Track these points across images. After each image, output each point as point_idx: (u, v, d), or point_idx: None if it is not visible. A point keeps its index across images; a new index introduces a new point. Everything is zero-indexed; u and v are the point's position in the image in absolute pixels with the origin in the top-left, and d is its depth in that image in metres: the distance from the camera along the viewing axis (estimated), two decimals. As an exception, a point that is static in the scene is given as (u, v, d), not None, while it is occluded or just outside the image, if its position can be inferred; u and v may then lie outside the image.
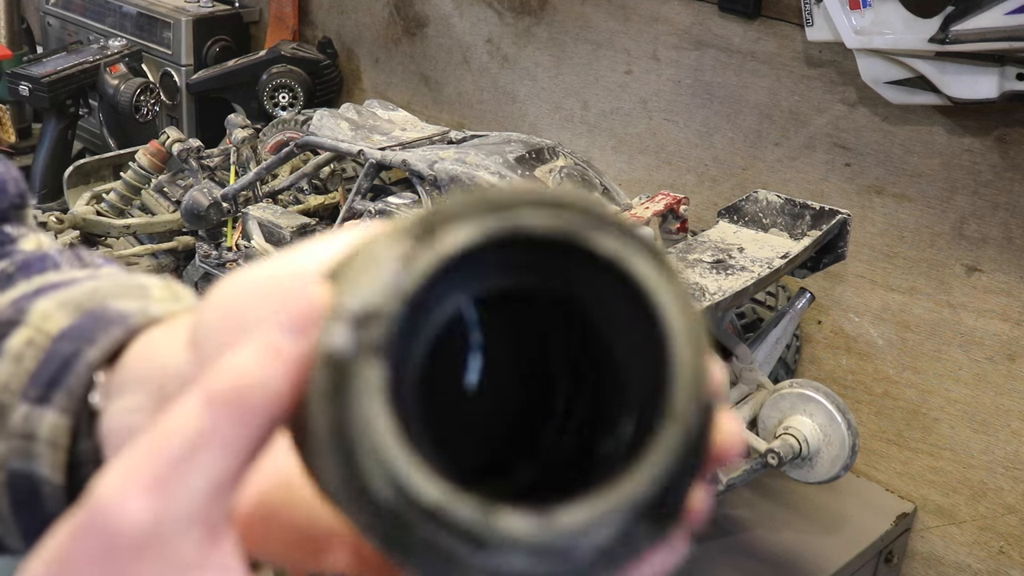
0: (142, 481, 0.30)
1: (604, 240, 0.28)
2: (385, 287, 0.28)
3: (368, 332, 0.28)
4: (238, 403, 0.30)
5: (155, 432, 0.31)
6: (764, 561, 1.25)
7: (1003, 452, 1.33)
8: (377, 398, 0.28)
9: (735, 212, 1.22)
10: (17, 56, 1.91)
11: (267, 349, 0.31)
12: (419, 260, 0.28)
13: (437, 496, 0.27)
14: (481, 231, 0.28)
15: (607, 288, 0.29)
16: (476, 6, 1.74)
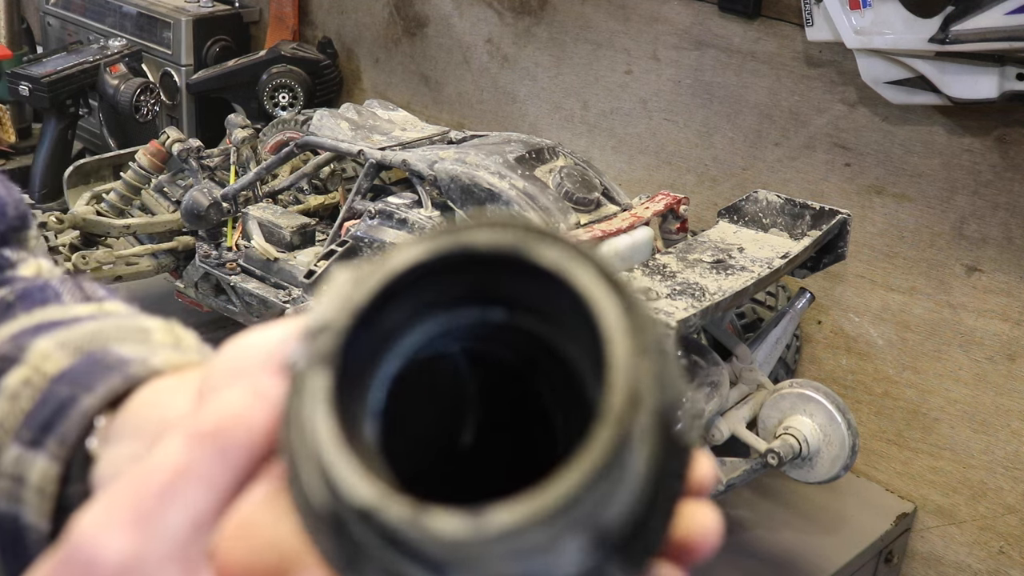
0: (123, 517, 0.30)
1: (546, 252, 0.29)
2: (337, 303, 0.29)
3: (317, 344, 0.29)
4: (219, 439, 0.30)
5: (137, 470, 0.30)
6: (764, 561, 1.25)
7: (1003, 452, 1.33)
8: (319, 402, 0.28)
9: (735, 212, 1.22)
10: (17, 56, 1.91)
11: (251, 390, 0.31)
12: (369, 278, 0.29)
13: (369, 495, 0.27)
14: (427, 248, 0.29)
15: (554, 299, 0.29)
16: (476, 6, 1.74)
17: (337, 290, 0.30)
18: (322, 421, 0.28)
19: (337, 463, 0.27)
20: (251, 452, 0.31)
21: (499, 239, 0.29)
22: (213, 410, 0.31)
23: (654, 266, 1.09)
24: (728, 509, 1.32)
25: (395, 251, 0.30)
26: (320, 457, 0.28)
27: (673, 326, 0.95)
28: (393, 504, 0.27)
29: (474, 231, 0.29)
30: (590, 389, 0.30)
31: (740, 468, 1.11)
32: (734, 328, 1.36)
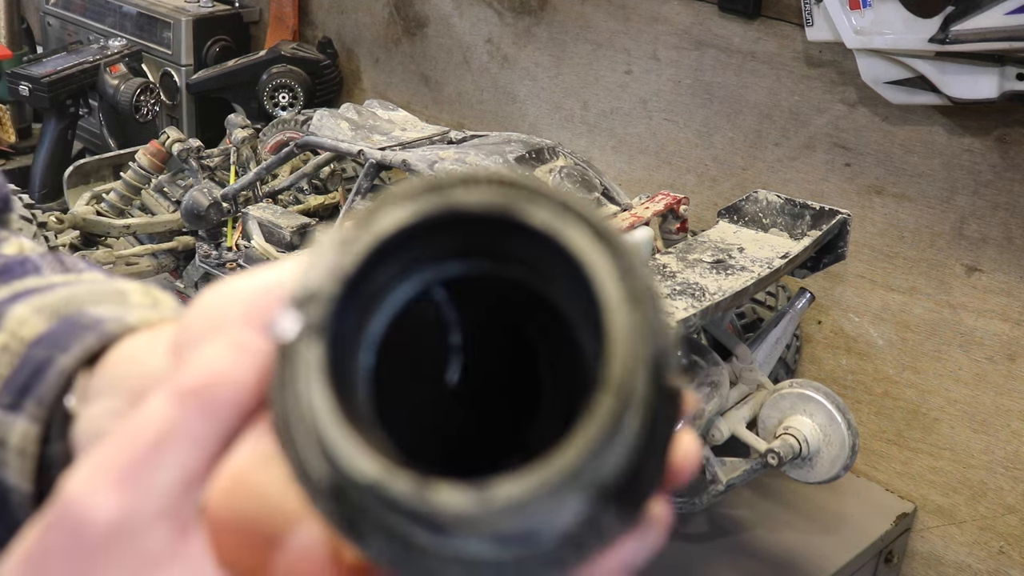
0: (111, 477, 0.30)
1: (537, 212, 0.28)
2: (324, 270, 0.28)
3: (308, 313, 0.28)
4: (205, 397, 0.30)
5: (124, 429, 0.31)
6: (764, 561, 1.25)
7: (1003, 452, 1.33)
8: (315, 375, 0.28)
9: (735, 212, 1.22)
10: (17, 56, 1.91)
11: (234, 345, 0.31)
12: (356, 242, 0.28)
13: (373, 471, 0.27)
14: (414, 210, 0.28)
15: (548, 261, 0.29)
16: (476, 6, 1.74)
17: (322, 254, 0.29)
18: (319, 395, 0.28)
19: (337, 439, 0.27)
20: (237, 408, 0.31)
21: (488, 199, 0.28)
22: (196, 367, 0.31)
23: (654, 266, 1.09)
24: (728, 509, 1.32)
25: (380, 210, 0.29)
26: (319, 432, 0.27)
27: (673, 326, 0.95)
28: (397, 479, 0.27)
29: (463, 189, 0.29)
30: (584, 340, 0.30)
31: (740, 468, 1.11)
32: (734, 328, 1.36)
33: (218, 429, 0.30)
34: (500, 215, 0.28)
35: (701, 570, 1.22)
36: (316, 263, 0.29)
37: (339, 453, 0.27)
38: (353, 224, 0.29)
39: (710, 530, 1.29)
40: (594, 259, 0.28)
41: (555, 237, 0.28)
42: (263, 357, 0.31)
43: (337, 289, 0.28)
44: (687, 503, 1.15)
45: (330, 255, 0.29)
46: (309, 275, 0.29)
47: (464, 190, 0.29)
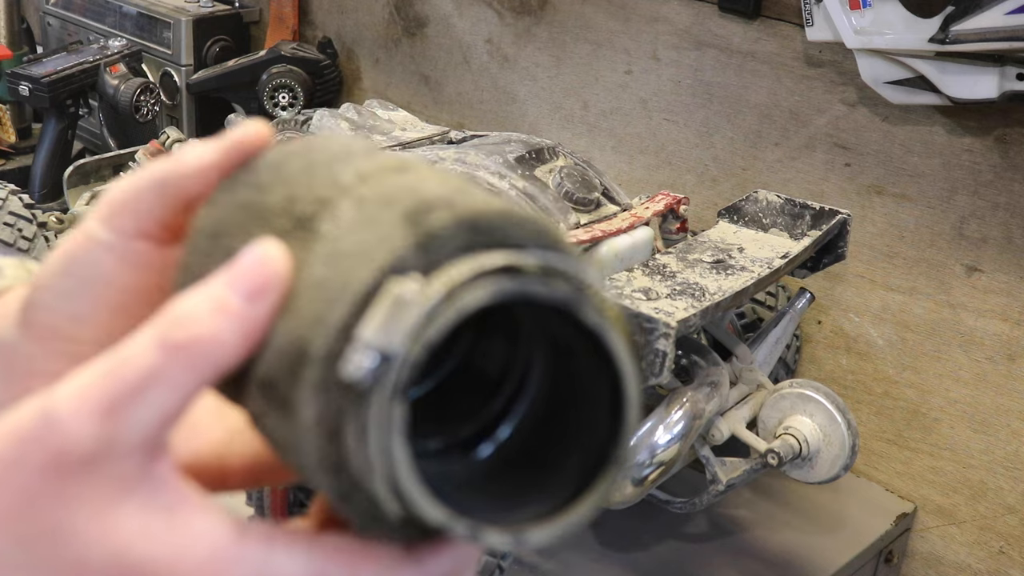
0: (96, 404, 0.33)
1: (590, 313, 0.34)
2: (411, 335, 0.32)
3: (393, 373, 0.32)
4: (190, 352, 0.33)
5: (111, 361, 0.33)
6: (764, 561, 1.25)
7: (1003, 452, 1.33)
8: (396, 434, 0.32)
9: (735, 212, 1.22)
10: (17, 56, 1.91)
11: (218, 306, 0.34)
12: (443, 315, 0.32)
13: (441, 519, 0.33)
14: (494, 293, 0.32)
15: (579, 343, 0.35)
16: (476, 6, 1.74)
17: (404, 310, 0.32)
18: (400, 452, 0.32)
19: (414, 492, 0.32)
20: (219, 368, 0.34)
21: (557, 294, 0.33)
22: (182, 316, 0.33)
23: (654, 266, 1.09)
24: (728, 509, 1.32)
25: (460, 280, 0.32)
26: (398, 482, 0.32)
27: (673, 326, 0.95)
28: (458, 525, 0.33)
29: (535, 281, 0.33)
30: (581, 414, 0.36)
31: (740, 468, 1.11)
32: (734, 328, 1.36)
33: (198, 381, 0.33)
34: (560, 307, 0.34)
35: (701, 570, 1.22)
36: (397, 321, 0.32)
37: (416, 503, 0.32)
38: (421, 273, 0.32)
39: (710, 530, 1.29)
40: (626, 365, 0.34)
41: (601, 337, 0.34)
42: (248, 325, 0.33)
43: (420, 355, 0.32)
44: (687, 503, 1.15)
45: (416, 317, 0.32)
46: (391, 330, 0.32)
47: (538, 282, 0.33)
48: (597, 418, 0.35)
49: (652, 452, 1.05)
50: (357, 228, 0.33)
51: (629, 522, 1.25)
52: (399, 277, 0.32)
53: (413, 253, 0.32)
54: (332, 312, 0.32)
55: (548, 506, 0.35)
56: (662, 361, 0.96)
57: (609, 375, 0.35)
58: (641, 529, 1.26)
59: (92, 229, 0.38)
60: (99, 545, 0.33)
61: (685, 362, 1.11)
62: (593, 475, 0.35)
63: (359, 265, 0.33)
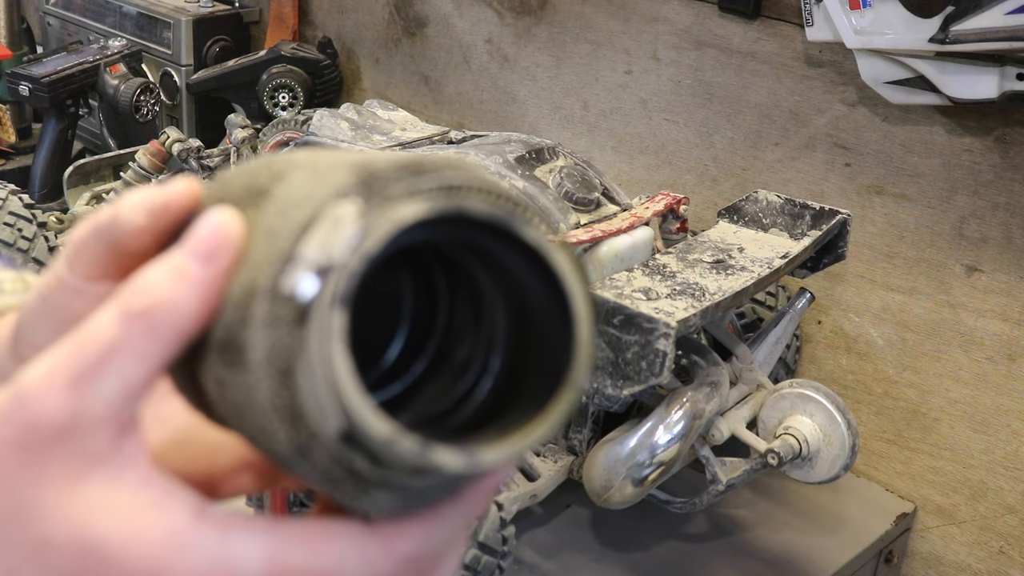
0: (62, 378, 0.33)
1: (531, 231, 0.35)
2: (350, 247, 0.32)
3: (332, 283, 0.32)
4: (150, 319, 0.34)
5: (75, 337, 0.34)
6: (764, 561, 1.25)
7: (1003, 452, 1.33)
8: (337, 343, 0.32)
9: (735, 212, 1.22)
10: (17, 56, 1.91)
11: (176, 271, 0.34)
12: (380, 227, 0.33)
13: (386, 432, 0.32)
14: (432, 208, 0.33)
15: (527, 269, 0.35)
16: (476, 6, 1.74)
17: (342, 228, 0.33)
18: (341, 361, 0.32)
19: (357, 402, 0.32)
20: (179, 333, 0.34)
21: (496, 210, 0.34)
22: (142, 286, 0.34)
23: (654, 266, 1.09)
24: (728, 509, 1.32)
25: (397, 198, 0.33)
26: (340, 393, 0.32)
27: (673, 326, 0.95)
28: (405, 440, 0.33)
29: (473, 197, 0.34)
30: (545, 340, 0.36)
31: (740, 468, 1.11)
32: (734, 328, 1.36)
33: (160, 349, 0.34)
34: (499, 224, 0.34)
35: (701, 570, 1.22)
36: (338, 234, 0.33)
37: (359, 414, 0.32)
38: (362, 198, 0.33)
39: (710, 530, 1.29)
40: (571, 279, 0.35)
41: (541, 252, 0.35)
42: (204, 287, 0.34)
43: (362, 267, 0.32)
44: (687, 503, 1.15)
45: (351, 232, 0.33)
46: (330, 245, 0.33)
47: (476, 198, 0.34)
48: (554, 345, 0.36)
49: (652, 452, 1.05)
50: (308, 184, 0.35)
51: (629, 522, 1.25)
52: (339, 201, 0.33)
53: (357, 186, 0.34)
54: (276, 246, 0.33)
55: (506, 429, 0.35)
56: (662, 361, 0.96)
57: (557, 294, 0.35)
58: (641, 529, 1.26)
59: (60, 271, 0.39)
60: (63, 522, 0.34)
61: (685, 362, 1.11)
62: (551, 394, 0.35)
63: (304, 205, 0.34)
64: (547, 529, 1.24)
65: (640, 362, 0.97)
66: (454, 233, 0.35)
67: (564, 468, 1.15)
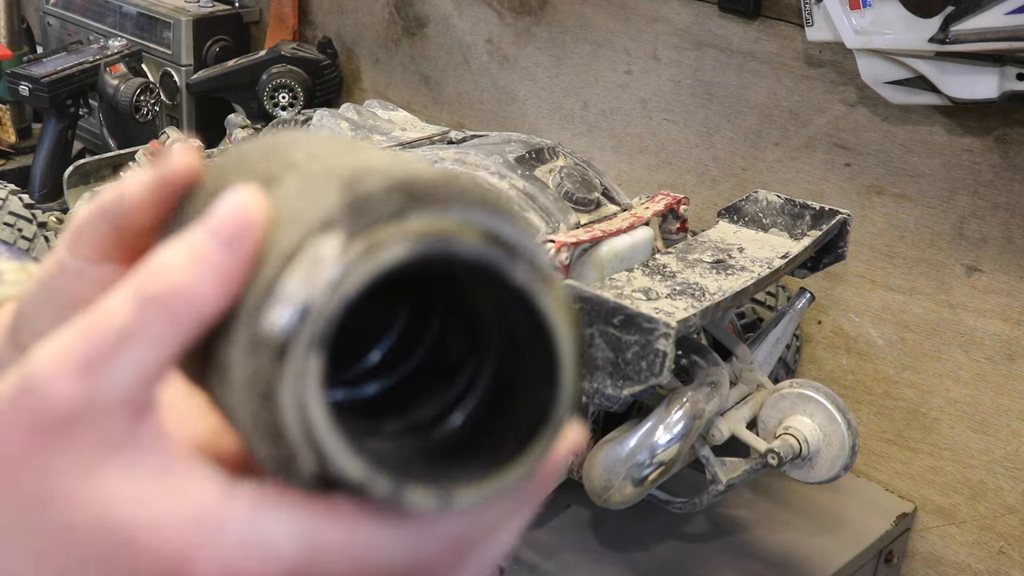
0: (73, 363, 0.32)
1: (517, 271, 0.34)
2: (329, 289, 0.32)
3: (308, 325, 0.32)
4: (166, 304, 0.32)
5: (87, 319, 0.33)
6: (764, 561, 1.25)
7: (1003, 452, 1.33)
8: (312, 385, 0.32)
9: (735, 212, 1.22)
10: (17, 56, 1.91)
11: (194, 254, 0.33)
12: (360, 271, 0.32)
13: (360, 475, 0.32)
14: (416, 252, 0.32)
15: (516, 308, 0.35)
16: (476, 6, 1.74)
17: (322, 265, 0.32)
18: (316, 404, 0.32)
19: (331, 445, 0.32)
20: (196, 318, 0.33)
21: (483, 254, 0.33)
22: (158, 268, 0.33)
23: (654, 266, 1.09)
24: (728, 509, 1.32)
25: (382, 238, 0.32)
26: (314, 436, 0.32)
27: (673, 326, 0.95)
28: (379, 482, 0.32)
29: (460, 241, 0.33)
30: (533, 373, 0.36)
31: (740, 468, 1.11)
32: (734, 328, 1.36)
33: (177, 334, 0.32)
34: (487, 269, 0.34)
35: (701, 570, 1.22)
36: (315, 275, 0.32)
37: (333, 457, 0.32)
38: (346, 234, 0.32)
39: (710, 530, 1.29)
40: (559, 325, 0.34)
41: (530, 297, 0.34)
42: (224, 273, 0.33)
43: (339, 311, 0.32)
44: (687, 503, 1.15)
45: (330, 273, 0.32)
46: (309, 284, 0.32)
47: (463, 242, 0.33)
48: (537, 384, 0.35)
49: (652, 452, 1.05)
50: (297, 197, 0.34)
51: (629, 522, 1.25)
52: (323, 236, 0.32)
53: (343, 215, 0.33)
54: (261, 273, 0.33)
55: (483, 470, 0.34)
56: (662, 361, 0.96)
57: (543, 337, 0.34)
58: (641, 529, 1.26)
59: (61, 256, 0.38)
60: (84, 508, 0.33)
61: (685, 362, 1.11)
62: (530, 438, 0.35)
63: (291, 228, 0.33)
64: (547, 529, 1.24)
65: (640, 362, 0.97)
66: (442, 268, 0.34)
67: (564, 468, 1.15)
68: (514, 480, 0.34)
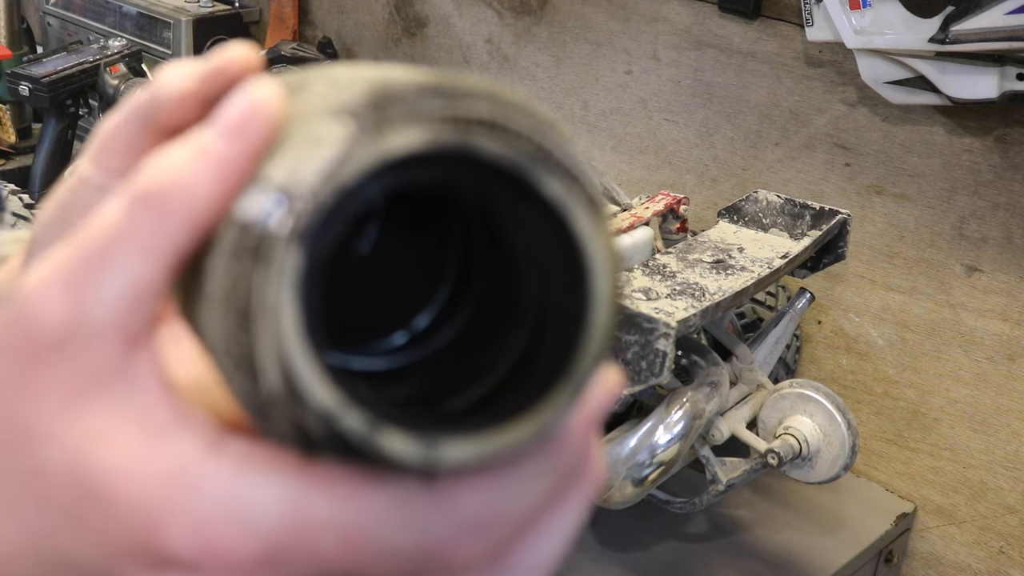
0: (61, 280, 0.29)
1: (551, 183, 0.28)
2: (321, 173, 0.27)
3: (292, 214, 0.27)
4: (157, 202, 0.28)
5: (80, 230, 0.29)
6: (764, 561, 1.25)
7: (1003, 452, 1.33)
8: (288, 289, 0.27)
9: (735, 212, 1.22)
10: (17, 56, 1.91)
11: (196, 149, 0.29)
12: (361, 154, 0.27)
13: (328, 403, 0.27)
14: (429, 140, 0.27)
15: (540, 225, 0.29)
16: (476, 6, 1.74)
17: (320, 147, 0.27)
18: (288, 313, 0.27)
19: (299, 360, 0.27)
20: (191, 220, 0.29)
21: (509, 153, 0.28)
22: (156, 168, 0.29)
23: (654, 266, 1.09)
24: (728, 509, 1.32)
25: (394, 119, 0.27)
26: (280, 347, 0.27)
27: (673, 326, 0.95)
28: (350, 415, 0.27)
29: (483, 134, 0.28)
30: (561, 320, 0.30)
31: (740, 468, 1.11)
32: (734, 328, 1.36)
33: (169, 240, 0.29)
34: (514, 173, 0.28)
35: (701, 570, 1.22)
36: (309, 157, 0.27)
37: (298, 376, 0.27)
38: (357, 123, 0.27)
39: (710, 530, 1.29)
40: (595, 250, 0.29)
41: (564, 216, 0.28)
42: (226, 166, 0.29)
43: (332, 200, 0.27)
44: (687, 503, 1.15)
45: (328, 155, 0.27)
46: (299, 167, 0.27)
47: (487, 136, 0.28)
48: (565, 328, 0.30)
49: (652, 452, 1.05)
50: (320, 96, 0.29)
51: (629, 522, 1.25)
52: (330, 120, 0.28)
53: (361, 105, 0.28)
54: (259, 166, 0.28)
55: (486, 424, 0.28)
56: (662, 361, 0.96)
57: (573, 265, 0.29)
58: (641, 529, 1.26)
59: (83, 169, 0.34)
60: (59, 449, 0.29)
61: (685, 362, 1.11)
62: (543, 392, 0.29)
63: (295, 122, 0.29)
64: (547, 529, 1.24)
65: (640, 362, 0.97)
66: (463, 177, 0.29)
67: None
68: (518, 438, 0.28)
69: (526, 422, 0.28)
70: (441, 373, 0.34)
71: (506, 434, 0.28)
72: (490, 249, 0.33)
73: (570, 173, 0.29)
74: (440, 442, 0.27)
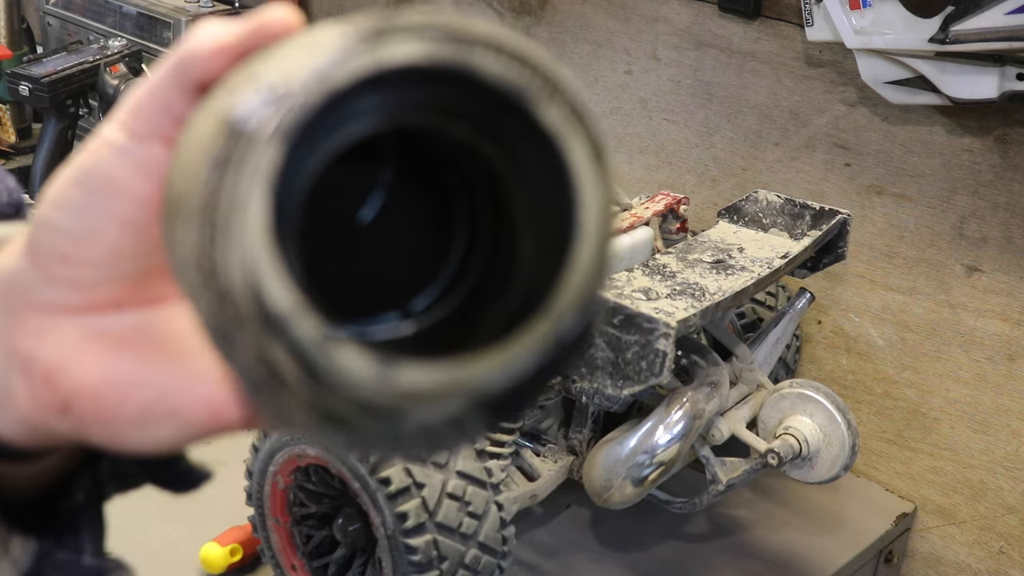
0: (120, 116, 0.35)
1: (550, 111, 0.27)
2: (311, 72, 0.26)
3: (278, 113, 0.26)
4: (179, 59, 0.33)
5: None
6: (764, 561, 1.25)
7: (1003, 452, 1.33)
8: (259, 184, 0.26)
9: (735, 212, 1.22)
10: (17, 56, 1.91)
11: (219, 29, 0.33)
12: (356, 58, 0.27)
13: (285, 303, 0.26)
14: (428, 53, 0.27)
15: (535, 157, 0.28)
16: (476, 6, 1.74)
17: (316, 51, 0.27)
18: (256, 203, 0.26)
19: (260, 261, 0.26)
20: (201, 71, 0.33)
21: (509, 75, 0.27)
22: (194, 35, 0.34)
23: (654, 266, 1.09)
24: (728, 509, 1.32)
25: (392, 34, 0.27)
26: (243, 242, 0.26)
27: (673, 326, 0.95)
28: (306, 319, 0.26)
29: (483, 53, 0.27)
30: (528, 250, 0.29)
31: (740, 468, 1.11)
32: (734, 328, 1.36)
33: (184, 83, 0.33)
34: (512, 97, 0.27)
35: (701, 570, 1.22)
36: (303, 60, 0.27)
37: (258, 273, 0.26)
38: (358, 37, 0.27)
39: (710, 530, 1.29)
40: (588, 185, 0.27)
41: (559, 144, 0.27)
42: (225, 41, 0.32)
43: (319, 101, 0.26)
44: (687, 503, 1.15)
45: (321, 59, 0.27)
46: (291, 68, 0.27)
47: (487, 55, 0.27)
48: (549, 262, 0.28)
49: (652, 452, 1.05)
50: (333, 24, 0.29)
51: (629, 522, 1.25)
52: (331, 29, 0.28)
53: (366, 25, 0.27)
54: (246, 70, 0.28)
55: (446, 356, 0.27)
56: (662, 361, 0.96)
57: (565, 197, 0.28)
58: (641, 529, 1.26)
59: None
60: None
61: (685, 362, 1.11)
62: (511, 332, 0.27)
63: (299, 38, 0.29)
64: (547, 529, 1.24)
65: (640, 362, 0.97)
66: (462, 104, 0.28)
67: (564, 468, 1.15)
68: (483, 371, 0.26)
69: (492, 357, 0.27)
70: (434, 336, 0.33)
71: (467, 366, 0.27)
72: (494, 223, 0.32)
73: (572, 105, 0.27)
74: (398, 366, 0.26)
